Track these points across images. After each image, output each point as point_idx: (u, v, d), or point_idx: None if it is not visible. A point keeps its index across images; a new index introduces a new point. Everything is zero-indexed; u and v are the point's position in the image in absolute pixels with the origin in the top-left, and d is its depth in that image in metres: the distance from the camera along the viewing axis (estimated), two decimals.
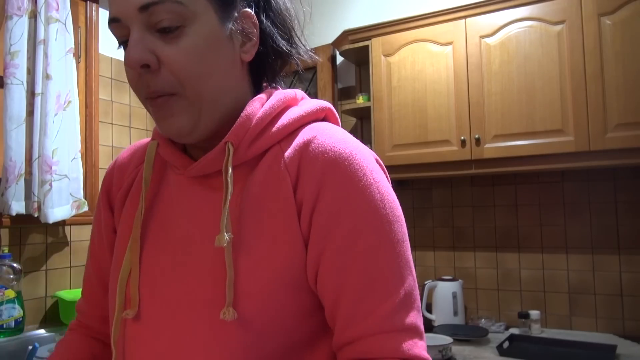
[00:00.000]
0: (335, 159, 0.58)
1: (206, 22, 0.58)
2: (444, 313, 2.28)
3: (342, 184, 0.57)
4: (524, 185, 2.39)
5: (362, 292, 0.56)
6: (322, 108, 0.67)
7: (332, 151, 0.59)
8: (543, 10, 2.06)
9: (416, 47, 2.32)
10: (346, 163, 0.58)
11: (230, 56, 0.61)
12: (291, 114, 0.63)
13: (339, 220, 0.57)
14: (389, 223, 0.58)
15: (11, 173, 1.70)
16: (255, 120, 0.61)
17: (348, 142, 0.60)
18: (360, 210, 0.57)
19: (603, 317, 2.19)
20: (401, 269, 0.58)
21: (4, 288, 1.63)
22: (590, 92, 1.96)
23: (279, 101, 0.63)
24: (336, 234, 0.57)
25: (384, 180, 0.61)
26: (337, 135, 0.61)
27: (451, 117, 2.22)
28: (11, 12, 1.73)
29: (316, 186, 0.57)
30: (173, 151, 0.66)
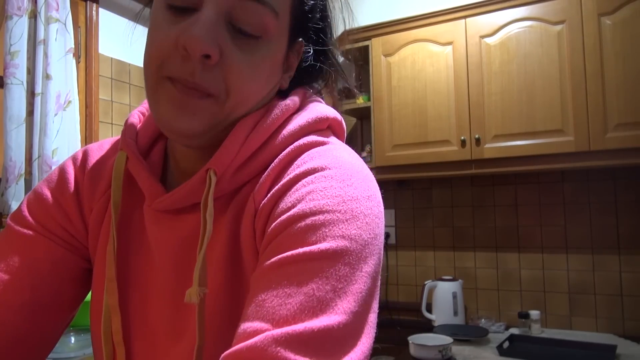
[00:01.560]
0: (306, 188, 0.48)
1: (278, 44, 0.53)
2: (444, 313, 2.28)
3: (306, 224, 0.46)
4: (524, 185, 2.38)
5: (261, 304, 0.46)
6: (321, 118, 0.55)
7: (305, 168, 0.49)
8: (543, 10, 2.06)
9: (416, 47, 2.32)
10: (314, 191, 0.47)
11: (277, 81, 0.56)
12: (287, 130, 0.53)
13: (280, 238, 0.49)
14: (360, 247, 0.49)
15: (11, 173, 1.69)
16: (245, 143, 0.51)
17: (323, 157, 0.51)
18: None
19: (603, 317, 2.19)
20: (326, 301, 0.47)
21: None
22: (590, 92, 1.96)
23: (275, 117, 0.53)
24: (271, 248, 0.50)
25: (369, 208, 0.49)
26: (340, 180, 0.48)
27: (451, 117, 2.22)
28: (11, 12, 1.73)
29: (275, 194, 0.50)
30: (143, 174, 0.54)
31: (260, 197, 0.50)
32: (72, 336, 1.56)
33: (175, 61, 0.48)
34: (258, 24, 0.49)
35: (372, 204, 0.49)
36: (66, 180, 0.60)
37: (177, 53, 0.47)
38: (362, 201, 0.47)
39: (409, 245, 2.65)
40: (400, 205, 2.68)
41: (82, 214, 0.60)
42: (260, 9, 0.48)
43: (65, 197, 0.60)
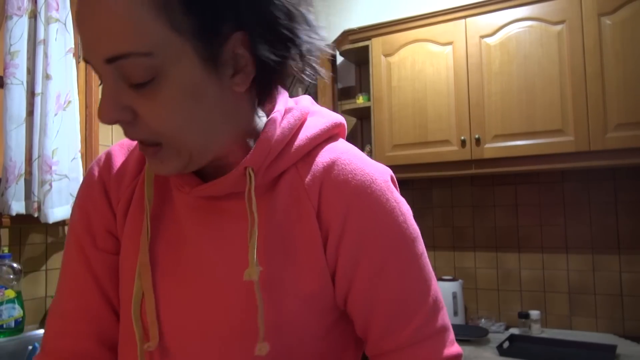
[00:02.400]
0: (357, 187, 0.58)
1: (185, 67, 0.49)
2: None
3: (367, 214, 0.58)
4: (524, 185, 2.38)
5: (395, 310, 0.58)
6: (337, 124, 0.64)
7: (354, 180, 0.58)
8: (543, 10, 2.06)
9: (416, 47, 2.32)
10: (369, 191, 0.58)
11: (218, 95, 0.53)
12: (307, 132, 0.60)
13: (367, 250, 0.58)
14: (412, 242, 0.60)
15: (11, 173, 1.69)
16: (273, 143, 0.57)
17: (368, 167, 0.60)
18: (387, 238, 0.58)
19: (603, 317, 2.19)
20: (427, 281, 0.60)
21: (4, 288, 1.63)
22: (590, 92, 1.96)
23: (295, 120, 0.59)
24: (365, 263, 0.58)
25: (402, 200, 0.63)
26: (356, 161, 0.60)
27: (451, 117, 2.22)
28: (11, 12, 1.73)
29: (342, 217, 0.57)
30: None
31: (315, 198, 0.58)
32: None
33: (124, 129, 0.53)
34: (142, 73, 0.48)
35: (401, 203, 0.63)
36: (93, 185, 0.66)
37: None
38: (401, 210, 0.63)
39: None
40: None
41: (112, 209, 0.65)
42: (132, 61, 0.48)
43: (97, 202, 0.65)
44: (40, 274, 1.87)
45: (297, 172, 0.59)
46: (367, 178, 0.59)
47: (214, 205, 0.59)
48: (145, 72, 0.48)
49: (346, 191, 0.58)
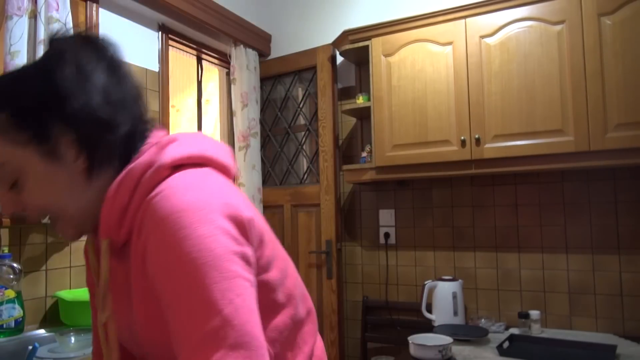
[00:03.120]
0: (155, 221, 0.63)
1: (33, 166, 0.67)
2: (444, 313, 2.28)
3: (156, 246, 0.63)
4: (524, 185, 2.38)
5: (174, 334, 0.61)
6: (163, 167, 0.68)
7: (156, 214, 0.63)
8: (543, 10, 2.06)
9: (416, 47, 2.32)
10: (162, 224, 0.62)
11: (68, 176, 0.69)
12: (138, 195, 0.68)
13: (157, 275, 0.63)
14: (195, 270, 0.60)
15: None
16: (111, 216, 0.69)
17: (173, 201, 0.63)
18: (169, 267, 0.61)
19: (603, 317, 2.19)
20: (206, 312, 0.59)
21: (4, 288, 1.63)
22: (590, 92, 1.96)
23: (131, 183, 0.68)
24: (157, 286, 0.64)
25: (209, 227, 0.62)
26: (168, 197, 0.64)
27: (451, 117, 2.22)
28: (11, 12, 1.73)
29: (143, 248, 0.65)
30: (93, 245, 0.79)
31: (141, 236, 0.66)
32: (72, 336, 1.56)
33: None
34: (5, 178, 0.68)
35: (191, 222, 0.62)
36: None
37: None
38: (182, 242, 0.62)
39: (409, 245, 2.65)
40: (400, 205, 2.68)
41: None
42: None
43: None
44: (40, 274, 1.87)
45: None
46: (165, 212, 0.63)
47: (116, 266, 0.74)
48: (7, 177, 0.68)
49: (149, 226, 0.64)
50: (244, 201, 0.71)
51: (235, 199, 0.67)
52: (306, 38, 2.98)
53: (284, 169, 3.02)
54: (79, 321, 1.74)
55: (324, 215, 2.73)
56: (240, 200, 0.69)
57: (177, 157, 0.69)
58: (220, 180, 0.70)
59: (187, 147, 0.71)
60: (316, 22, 2.97)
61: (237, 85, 2.83)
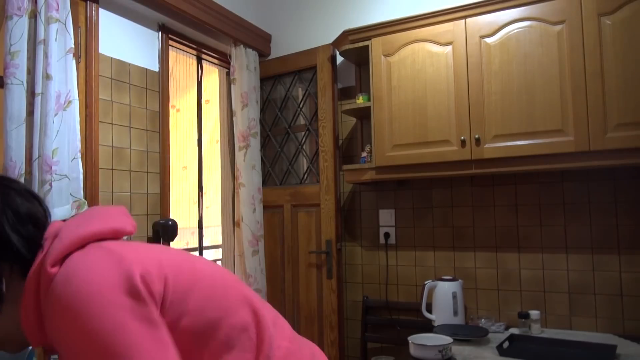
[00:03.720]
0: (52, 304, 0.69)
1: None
2: (444, 313, 2.28)
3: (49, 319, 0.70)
4: (524, 185, 2.39)
5: None
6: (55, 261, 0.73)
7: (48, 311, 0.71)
8: (543, 10, 2.06)
9: (416, 47, 2.32)
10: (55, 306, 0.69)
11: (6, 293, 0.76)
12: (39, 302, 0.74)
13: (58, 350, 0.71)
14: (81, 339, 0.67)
15: (11, 173, 1.69)
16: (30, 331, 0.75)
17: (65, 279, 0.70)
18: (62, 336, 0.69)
19: (603, 317, 2.19)
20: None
21: None
22: (590, 92, 1.96)
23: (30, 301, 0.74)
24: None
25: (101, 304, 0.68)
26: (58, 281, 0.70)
27: (451, 117, 2.22)
28: (11, 12, 1.72)
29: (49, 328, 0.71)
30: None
31: None
32: None
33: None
34: None
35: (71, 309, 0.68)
36: None
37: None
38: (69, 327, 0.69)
39: (409, 245, 2.65)
40: (400, 205, 2.68)
41: None
42: None
43: None
44: None
45: None
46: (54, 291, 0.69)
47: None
48: None
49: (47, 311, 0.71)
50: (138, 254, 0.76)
51: (124, 263, 0.72)
52: (306, 38, 2.98)
53: (284, 169, 3.02)
54: None
55: (324, 215, 2.73)
56: (131, 258, 0.74)
57: (66, 247, 0.74)
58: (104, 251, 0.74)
59: (66, 237, 0.75)
60: (316, 22, 2.97)
61: (237, 85, 2.83)
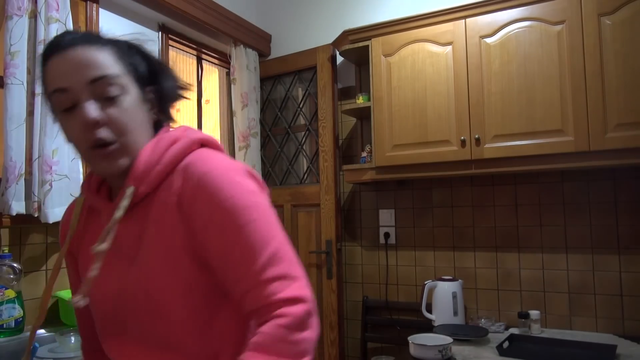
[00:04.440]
0: (204, 171, 0.79)
1: (132, 93, 0.84)
2: (444, 313, 2.28)
3: (209, 192, 0.78)
4: (524, 185, 2.39)
5: (236, 261, 0.76)
6: (195, 141, 0.86)
7: (198, 171, 0.80)
8: (543, 10, 2.06)
9: (416, 47, 2.32)
10: (212, 174, 0.79)
11: (146, 116, 0.87)
12: (174, 150, 0.84)
13: (211, 217, 0.77)
14: (242, 210, 0.77)
15: (11, 173, 1.69)
16: (144, 163, 0.82)
17: (211, 163, 0.81)
18: (222, 207, 0.77)
19: (603, 317, 2.19)
20: (263, 238, 0.76)
21: (4, 288, 1.63)
22: (590, 92, 1.96)
23: (165, 144, 0.84)
24: (211, 226, 0.77)
25: (243, 180, 0.80)
26: (205, 160, 0.82)
27: (451, 117, 2.22)
28: (11, 12, 1.72)
29: (191, 199, 0.79)
30: (97, 199, 0.90)
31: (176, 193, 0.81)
32: (72, 336, 1.56)
33: (88, 135, 0.80)
34: (113, 89, 0.81)
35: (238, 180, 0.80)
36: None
37: (83, 131, 0.80)
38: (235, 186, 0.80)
39: (409, 245, 2.65)
40: (400, 205, 2.68)
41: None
42: (109, 80, 0.80)
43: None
44: (40, 274, 1.87)
45: (170, 180, 0.83)
46: (206, 169, 0.80)
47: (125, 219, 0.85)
48: (115, 89, 0.81)
49: (194, 179, 0.79)
50: None
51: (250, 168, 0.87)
52: (306, 38, 2.98)
53: (284, 168, 3.02)
54: None
55: (324, 215, 2.73)
56: None
57: (203, 137, 0.87)
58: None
59: (203, 133, 0.89)
60: (316, 22, 2.97)
61: (237, 85, 2.83)
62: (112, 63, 0.82)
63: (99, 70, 0.80)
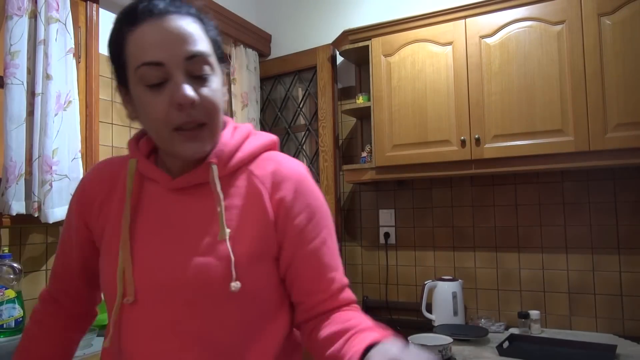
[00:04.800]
0: (300, 178, 0.84)
1: (219, 74, 0.81)
2: (444, 313, 2.28)
3: (307, 196, 0.83)
4: (524, 185, 2.39)
5: (327, 267, 0.83)
6: (273, 141, 0.89)
7: (296, 173, 0.84)
8: (543, 10, 2.06)
9: (416, 47, 2.32)
10: (306, 180, 0.85)
11: (224, 99, 0.84)
12: (253, 143, 0.86)
13: (308, 222, 0.82)
14: (329, 220, 0.86)
15: (11, 173, 1.69)
16: (230, 147, 0.82)
17: (300, 166, 0.87)
18: (318, 211, 0.84)
19: (603, 317, 2.19)
20: (335, 251, 0.86)
21: (4, 288, 1.63)
22: (590, 92, 1.96)
23: (243, 134, 0.86)
24: (306, 231, 0.82)
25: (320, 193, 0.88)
26: (292, 162, 0.87)
27: (451, 117, 2.22)
28: (11, 12, 1.72)
29: (292, 197, 0.81)
30: (154, 168, 0.84)
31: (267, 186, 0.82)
32: None
33: (175, 115, 0.74)
34: (207, 68, 0.77)
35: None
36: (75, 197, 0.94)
37: (173, 111, 0.74)
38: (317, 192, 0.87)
39: (409, 245, 2.65)
40: (400, 205, 2.68)
41: (83, 209, 0.91)
42: (204, 59, 0.76)
43: (76, 208, 0.93)
44: (40, 274, 1.87)
45: (249, 171, 0.83)
46: (302, 171, 0.85)
47: (182, 193, 0.83)
48: (209, 68, 0.77)
49: (292, 180, 0.83)
50: None
51: None
52: (306, 38, 2.98)
53: None
54: None
55: None
56: None
57: (274, 139, 0.90)
58: None
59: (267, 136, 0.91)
60: (316, 22, 2.97)
61: (237, 85, 2.83)
62: (204, 38, 0.77)
63: (196, 46, 0.75)
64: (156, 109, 0.74)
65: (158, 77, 0.73)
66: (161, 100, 0.73)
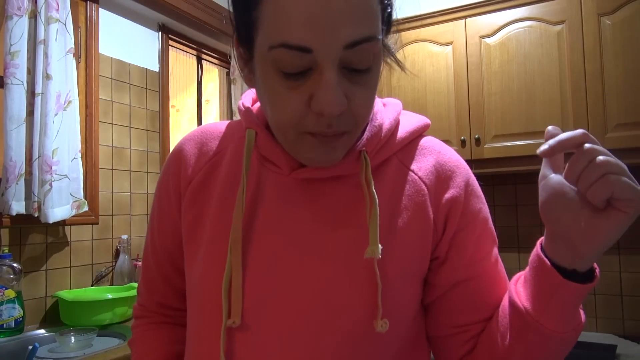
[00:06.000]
0: (466, 174, 0.66)
1: (379, 63, 0.57)
2: None
3: (479, 197, 0.66)
4: (524, 185, 2.38)
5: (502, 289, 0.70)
6: (427, 123, 0.70)
7: (461, 167, 0.66)
8: (543, 10, 2.06)
9: (416, 47, 2.32)
10: (472, 177, 0.66)
11: None
12: (407, 127, 0.66)
13: (482, 232, 0.68)
14: (494, 233, 0.73)
15: (11, 173, 1.69)
16: (384, 131, 0.62)
17: (459, 156, 0.68)
18: (485, 217, 0.68)
19: (603, 317, 2.19)
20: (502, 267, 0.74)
21: (4, 288, 1.63)
22: (590, 92, 1.96)
23: (395, 114, 0.66)
24: (481, 244, 0.68)
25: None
26: (453, 151, 0.68)
27: (451, 117, 2.22)
28: (11, 12, 1.72)
29: (463, 198, 0.63)
30: (277, 150, 0.61)
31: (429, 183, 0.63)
32: (72, 336, 1.56)
33: (311, 120, 0.53)
34: (370, 59, 0.53)
35: None
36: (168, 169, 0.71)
37: (310, 114, 0.53)
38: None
39: None
40: None
41: (179, 185, 0.69)
42: (370, 46, 0.51)
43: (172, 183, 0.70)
44: (40, 274, 1.87)
45: (400, 160, 0.64)
46: (466, 166, 0.67)
47: (312, 187, 0.62)
48: (371, 58, 0.53)
49: (460, 177, 0.64)
50: None
51: None
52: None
53: None
54: (79, 321, 1.75)
55: None
56: None
57: (428, 122, 0.71)
58: None
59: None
60: None
61: (237, 85, 2.83)
62: (375, 12, 0.51)
63: (362, 28, 0.50)
64: (287, 106, 0.53)
65: (300, 67, 0.51)
66: (297, 97, 0.52)
